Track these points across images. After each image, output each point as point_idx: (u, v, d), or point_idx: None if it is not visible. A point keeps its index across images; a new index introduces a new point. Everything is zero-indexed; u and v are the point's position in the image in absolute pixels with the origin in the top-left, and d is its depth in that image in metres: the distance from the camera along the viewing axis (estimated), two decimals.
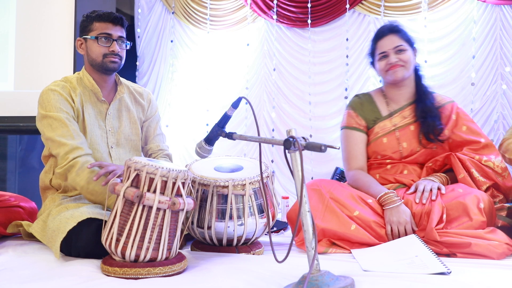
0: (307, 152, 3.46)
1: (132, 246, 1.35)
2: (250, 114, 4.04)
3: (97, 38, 1.86)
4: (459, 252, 1.61)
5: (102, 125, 1.92)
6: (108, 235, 1.39)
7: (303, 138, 1.21)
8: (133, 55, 4.37)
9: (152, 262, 1.37)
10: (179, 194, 1.40)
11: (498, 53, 3.55)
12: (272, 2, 4.01)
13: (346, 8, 3.85)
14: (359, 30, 3.88)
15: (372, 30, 3.77)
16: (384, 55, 2.01)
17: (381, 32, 2.04)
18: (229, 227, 1.63)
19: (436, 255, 1.49)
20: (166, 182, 1.37)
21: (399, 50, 1.98)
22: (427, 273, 1.36)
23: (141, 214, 1.35)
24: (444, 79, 3.68)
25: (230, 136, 1.48)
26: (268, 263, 1.48)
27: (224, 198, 1.64)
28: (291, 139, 1.19)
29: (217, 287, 1.26)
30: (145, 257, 1.36)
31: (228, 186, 1.62)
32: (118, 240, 1.36)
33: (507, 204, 1.80)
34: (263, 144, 3.87)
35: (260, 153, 1.46)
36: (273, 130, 4.06)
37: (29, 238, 1.87)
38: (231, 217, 1.63)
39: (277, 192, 3.33)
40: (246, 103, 1.46)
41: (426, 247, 1.56)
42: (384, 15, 3.78)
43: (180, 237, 1.48)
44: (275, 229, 2.26)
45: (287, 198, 2.70)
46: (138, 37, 4.42)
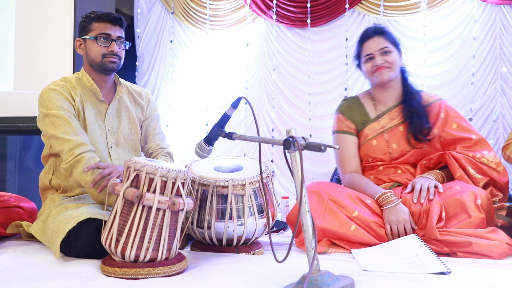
0: (307, 152, 3.48)
1: (132, 246, 1.35)
2: (250, 114, 4.04)
3: (96, 38, 1.86)
4: (460, 251, 1.61)
5: (102, 125, 1.92)
6: (108, 235, 1.39)
7: (303, 138, 1.21)
8: (133, 55, 4.37)
9: (152, 262, 1.37)
10: (179, 194, 1.40)
11: (498, 53, 3.55)
12: (272, 2, 4.01)
13: (346, 8, 3.85)
14: (359, 30, 3.86)
15: None
16: (370, 57, 2.02)
17: (367, 34, 2.06)
18: (229, 227, 1.63)
19: (436, 255, 1.49)
20: (166, 182, 1.37)
21: (385, 52, 2.00)
22: (427, 273, 1.36)
23: (141, 214, 1.35)
24: (444, 79, 3.68)
25: (230, 136, 1.48)
26: (268, 263, 1.48)
27: (224, 198, 1.64)
28: (291, 139, 1.19)
29: (217, 287, 1.26)
30: (145, 257, 1.36)
31: (228, 186, 1.62)
32: (118, 240, 1.36)
33: (507, 204, 1.80)
34: (263, 144, 3.87)
35: (260, 153, 1.46)
36: (273, 130, 4.06)
37: (29, 239, 1.87)
38: (231, 217, 1.63)
39: (277, 192, 3.32)
40: (246, 103, 1.46)
41: (426, 247, 1.56)
42: (384, 15, 3.78)
43: (180, 237, 1.48)
44: (275, 229, 2.25)
45: (287, 198, 2.69)
46: (138, 37, 4.42)
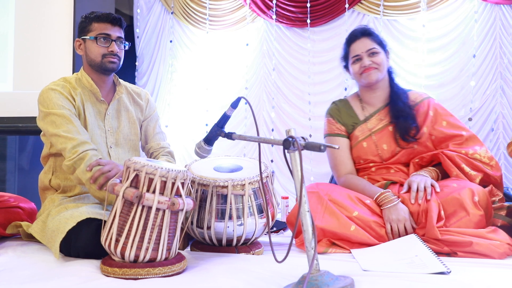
0: (307, 152, 3.47)
1: (132, 247, 1.35)
2: (250, 114, 4.04)
3: (96, 39, 1.86)
4: (460, 251, 1.60)
5: (101, 125, 1.92)
6: (108, 236, 1.39)
7: (303, 138, 1.21)
8: (132, 56, 4.37)
9: (152, 263, 1.37)
10: (179, 194, 1.40)
11: (498, 52, 3.56)
12: (271, 2, 4.01)
13: (346, 8, 3.85)
14: None
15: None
16: (358, 58, 2.03)
17: (354, 36, 2.06)
18: (229, 227, 1.63)
19: (436, 255, 1.48)
20: (166, 182, 1.37)
21: (372, 53, 2.01)
22: (427, 273, 1.36)
23: (141, 215, 1.35)
24: (444, 78, 3.68)
25: (230, 136, 1.48)
26: (268, 263, 1.48)
27: (224, 198, 1.63)
28: (290, 139, 1.19)
29: (217, 287, 1.26)
30: (145, 258, 1.36)
31: (228, 186, 1.62)
32: (118, 241, 1.36)
33: (507, 204, 1.80)
34: (263, 144, 3.87)
35: (260, 153, 1.45)
36: (273, 130, 4.06)
37: (29, 239, 1.87)
38: (231, 217, 1.63)
39: (277, 192, 3.32)
40: (246, 103, 1.46)
41: (426, 247, 1.56)
42: (384, 15, 3.78)
43: (180, 237, 1.48)
44: (275, 229, 2.25)
45: (287, 198, 2.69)
46: (137, 37, 4.42)
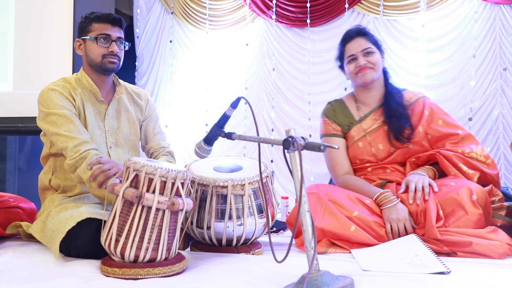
0: (307, 152, 3.47)
1: (132, 247, 1.35)
2: (250, 114, 4.04)
3: (96, 39, 1.86)
4: (460, 251, 1.60)
5: (101, 125, 1.92)
6: (108, 236, 1.39)
7: (302, 138, 1.21)
8: (132, 56, 4.37)
9: (152, 263, 1.37)
10: (178, 195, 1.40)
11: (498, 52, 3.55)
12: (271, 2, 4.01)
13: (345, 8, 3.85)
14: None
15: (372, 30, 3.76)
16: (353, 58, 2.03)
17: (349, 36, 2.06)
18: (229, 227, 1.63)
19: (436, 255, 1.48)
20: (165, 183, 1.37)
21: (367, 53, 2.01)
22: (427, 273, 1.36)
23: (140, 215, 1.35)
24: (444, 78, 3.68)
25: (229, 136, 1.48)
26: (268, 263, 1.48)
27: (224, 198, 1.63)
28: (290, 139, 1.19)
29: (217, 287, 1.26)
30: (145, 258, 1.36)
31: (227, 186, 1.62)
32: (118, 241, 1.36)
33: (506, 203, 1.80)
34: (263, 144, 3.87)
35: (260, 153, 1.45)
36: (273, 130, 4.06)
37: (29, 239, 1.88)
38: (231, 217, 1.63)
39: (277, 192, 3.33)
40: (246, 103, 1.46)
41: (426, 247, 1.56)
42: (383, 15, 3.78)
43: (180, 237, 1.48)
44: (275, 229, 2.25)
45: (287, 198, 2.69)
46: (137, 38, 4.42)
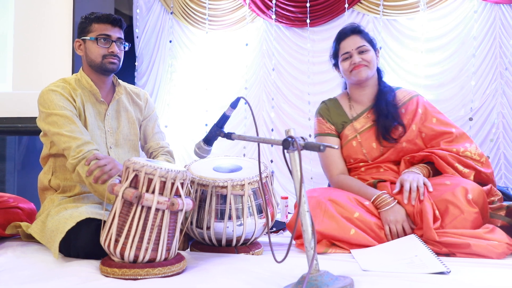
0: (306, 152, 3.47)
1: (131, 247, 1.35)
2: (249, 114, 4.04)
3: (97, 39, 1.86)
4: (458, 252, 1.60)
5: (101, 126, 1.92)
6: (107, 236, 1.39)
7: (302, 138, 1.21)
8: (132, 56, 4.37)
9: (151, 263, 1.37)
10: (178, 195, 1.40)
11: (498, 52, 3.56)
12: (271, 2, 4.01)
13: (345, 8, 3.85)
14: None
15: (371, 30, 3.77)
16: (348, 56, 2.02)
17: (344, 33, 2.06)
18: (228, 228, 1.63)
19: (436, 255, 1.48)
20: (165, 183, 1.36)
21: (362, 51, 2.01)
22: (427, 273, 1.36)
23: (140, 215, 1.35)
24: (444, 78, 3.68)
25: (229, 136, 1.48)
26: (267, 263, 1.48)
27: (223, 199, 1.63)
28: (290, 139, 1.19)
29: None
30: (144, 258, 1.36)
31: (227, 187, 1.62)
32: (117, 241, 1.36)
33: (506, 203, 1.79)
34: (263, 144, 3.87)
35: (259, 153, 1.45)
36: (272, 130, 4.06)
37: (28, 239, 1.87)
38: (230, 218, 1.63)
39: (277, 192, 3.32)
40: (245, 103, 1.46)
41: (426, 247, 1.55)
42: (383, 14, 3.78)
43: (180, 238, 1.48)
44: (274, 229, 2.25)
45: (286, 198, 2.69)
46: (137, 38, 4.41)
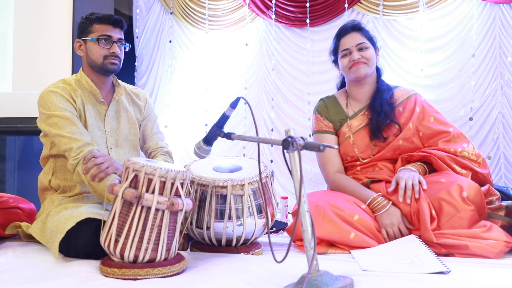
0: (306, 152, 3.47)
1: (131, 247, 1.35)
2: (249, 114, 4.04)
3: (98, 40, 1.86)
4: (457, 253, 1.61)
5: (101, 126, 1.92)
6: (107, 236, 1.39)
7: (302, 138, 1.21)
8: (132, 56, 4.37)
9: (151, 263, 1.37)
10: (178, 195, 1.40)
11: (497, 52, 3.56)
12: (271, 2, 4.01)
13: (345, 8, 3.85)
14: None
15: (371, 30, 3.77)
16: (347, 52, 2.03)
17: (344, 30, 2.06)
18: (228, 228, 1.63)
19: (436, 255, 1.49)
20: (165, 183, 1.36)
21: (362, 48, 2.01)
22: (427, 273, 1.36)
23: (140, 215, 1.35)
24: (443, 78, 3.68)
25: (229, 136, 1.48)
26: (267, 263, 1.48)
27: (223, 199, 1.63)
28: (290, 139, 1.19)
29: None
30: (144, 258, 1.36)
31: (227, 187, 1.62)
32: (117, 241, 1.36)
33: (504, 203, 1.79)
34: (262, 144, 3.87)
35: (259, 153, 1.45)
36: (272, 130, 4.06)
37: (28, 239, 1.88)
38: (230, 218, 1.63)
39: (276, 192, 3.32)
40: (245, 103, 1.46)
41: (426, 247, 1.56)
42: (383, 14, 3.78)
43: (180, 238, 1.48)
44: (274, 230, 2.25)
45: (286, 198, 2.69)
46: (137, 38, 4.41)
